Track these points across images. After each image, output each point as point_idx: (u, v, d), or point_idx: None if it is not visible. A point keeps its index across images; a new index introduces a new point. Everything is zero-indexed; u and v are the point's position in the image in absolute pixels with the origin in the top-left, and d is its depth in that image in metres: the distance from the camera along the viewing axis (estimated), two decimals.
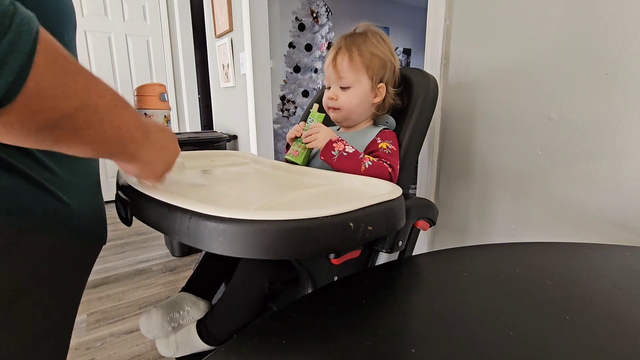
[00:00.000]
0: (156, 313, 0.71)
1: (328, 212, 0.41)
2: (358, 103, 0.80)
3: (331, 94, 0.81)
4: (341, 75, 0.78)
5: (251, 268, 0.70)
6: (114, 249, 1.93)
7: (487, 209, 0.96)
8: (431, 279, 0.47)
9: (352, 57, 0.77)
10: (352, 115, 0.82)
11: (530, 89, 0.82)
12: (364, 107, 0.81)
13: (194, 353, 0.73)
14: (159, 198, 0.45)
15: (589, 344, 0.32)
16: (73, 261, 0.41)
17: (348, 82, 0.78)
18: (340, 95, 0.80)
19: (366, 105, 0.81)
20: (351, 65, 0.77)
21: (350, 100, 0.79)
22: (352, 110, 0.80)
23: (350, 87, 0.79)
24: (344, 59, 0.77)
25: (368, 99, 0.80)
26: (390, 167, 0.73)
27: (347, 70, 0.78)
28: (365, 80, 0.78)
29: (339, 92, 0.80)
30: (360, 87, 0.79)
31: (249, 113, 2.00)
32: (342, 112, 0.81)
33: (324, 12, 3.20)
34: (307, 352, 0.32)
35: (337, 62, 0.78)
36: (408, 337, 0.35)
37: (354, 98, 0.79)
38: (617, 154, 0.69)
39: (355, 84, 0.78)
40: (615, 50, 0.67)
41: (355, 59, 0.77)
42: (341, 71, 0.78)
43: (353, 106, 0.80)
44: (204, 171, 0.75)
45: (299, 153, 0.79)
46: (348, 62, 0.77)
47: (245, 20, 1.84)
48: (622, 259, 0.50)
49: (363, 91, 0.79)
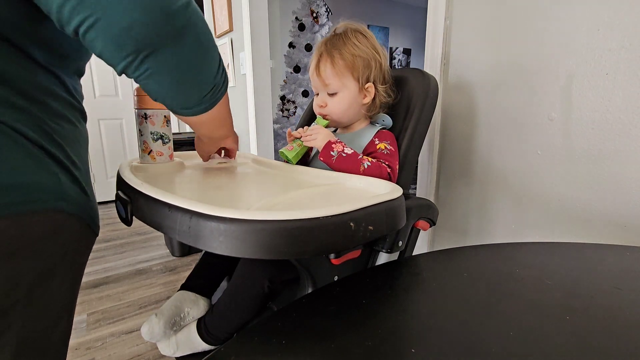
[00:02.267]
0: (157, 323, 0.70)
1: (328, 212, 0.41)
2: (347, 107, 0.79)
3: (319, 101, 0.80)
4: (326, 82, 0.77)
5: (251, 267, 0.70)
6: (114, 249, 1.93)
7: (487, 209, 0.96)
8: (431, 279, 0.47)
9: (334, 62, 0.75)
10: (343, 119, 0.81)
11: (530, 89, 0.82)
12: (354, 110, 0.81)
13: (194, 353, 0.73)
14: (160, 198, 0.45)
15: (589, 344, 0.32)
16: (86, 247, 0.45)
17: (334, 88, 0.77)
18: (328, 101, 0.79)
19: (356, 107, 0.80)
20: (334, 70, 0.76)
21: (338, 105, 0.78)
22: (341, 115, 0.80)
23: (337, 92, 0.78)
24: (327, 65, 0.76)
25: (357, 101, 0.79)
26: (389, 167, 0.73)
27: (331, 77, 0.76)
28: (351, 83, 0.77)
29: (327, 99, 0.79)
30: (347, 92, 0.77)
31: (249, 113, 2.00)
32: (333, 117, 0.80)
33: (324, 12, 3.20)
34: (307, 352, 0.32)
35: (321, 70, 0.77)
36: (408, 337, 0.35)
37: (342, 103, 0.78)
38: (617, 154, 0.69)
39: (341, 89, 0.77)
40: (615, 50, 0.67)
41: (338, 63, 0.75)
42: (325, 78, 0.77)
43: (342, 111, 0.79)
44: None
45: (293, 148, 0.79)
46: (331, 68, 0.76)
47: (245, 20, 1.84)
48: (622, 259, 0.50)
49: (350, 95, 0.78)
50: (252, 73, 1.89)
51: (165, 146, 0.74)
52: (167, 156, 0.75)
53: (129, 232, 2.19)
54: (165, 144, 0.74)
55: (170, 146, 0.75)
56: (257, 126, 1.97)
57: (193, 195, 0.58)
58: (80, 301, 1.41)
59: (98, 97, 2.72)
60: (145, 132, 0.71)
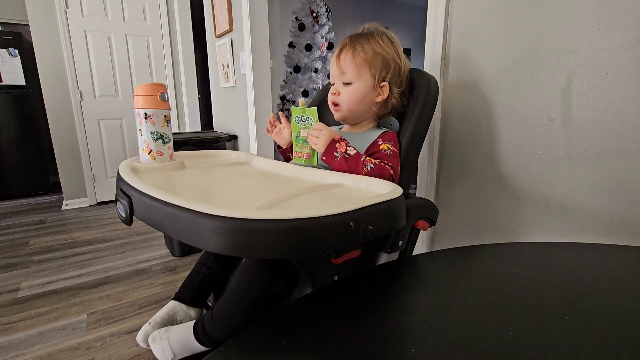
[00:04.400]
0: (152, 331, 0.73)
1: (329, 212, 0.41)
2: (359, 100, 0.80)
3: (333, 89, 0.82)
4: (343, 70, 0.79)
5: (254, 271, 0.69)
6: (114, 249, 1.93)
7: (487, 209, 0.96)
8: (431, 279, 0.47)
9: (355, 53, 0.78)
10: (352, 113, 0.82)
11: (530, 89, 0.82)
12: (365, 105, 0.81)
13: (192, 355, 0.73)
14: (160, 197, 0.45)
15: (589, 344, 0.32)
16: None
17: (349, 77, 0.79)
18: (341, 90, 0.81)
19: (367, 103, 0.81)
20: (354, 61, 0.78)
21: (351, 96, 0.80)
22: (352, 107, 0.81)
23: (351, 82, 0.79)
24: (347, 55, 0.79)
25: (369, 97, 0.80)
26: (392, 168, 0.73)
27: (349, 66, 0.79)
28: (367, 77, 0.79)
29: (341, 88, 0.81)
30: (361, 84, 0.79)
31: (249, 113, 2.00)
32: (343, 108, 0.81)
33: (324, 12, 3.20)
34: (307, 352, 0.32)
35: (341, 58, 0.80)
36: (408, 337, 0.35)
37: (355, 95, 0.79)
38: (617, 154, 0.69)
39: (356, 79, 0.79)
40: (615, 50, 0.67)
41: (358, 55, 0.78)
42: (344, 67, 0.79)
43: (353, 103, 0.80)
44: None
45: (310, 155, 0.78)
46: (351, 58, 0.78)
47: (245, 20, 1.84)
48: (622, 259, 0.50)
49: (364, 88, 0.79)
50: (252, 73, 1.89)
51: (165, 146, 0.74)
52: (167, 156, 0.75)
53: (129, 232, 2.19)
54: (165, 144, 0.74)
55: (170, 146, 0.75)
56: (257, 126, 1.97)
57: (193, 195, 0.58)
58: (80, 301, 1.41)
59: (98, 97, 2.72)
60: (145, 132, 0.71)
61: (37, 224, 2.35)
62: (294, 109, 0.80)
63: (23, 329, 1.23)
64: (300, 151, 0.80)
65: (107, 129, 2.79)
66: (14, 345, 1.14)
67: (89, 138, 2.72)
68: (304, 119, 0.79)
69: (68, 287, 1.52)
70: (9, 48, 2.85)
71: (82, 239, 2.09)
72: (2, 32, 2.86)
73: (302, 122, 0.80)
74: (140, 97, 0.69)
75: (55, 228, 2.28)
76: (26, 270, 1.68)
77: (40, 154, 3.12)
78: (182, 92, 3.01)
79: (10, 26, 3.25)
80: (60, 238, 2.10)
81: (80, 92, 2.64)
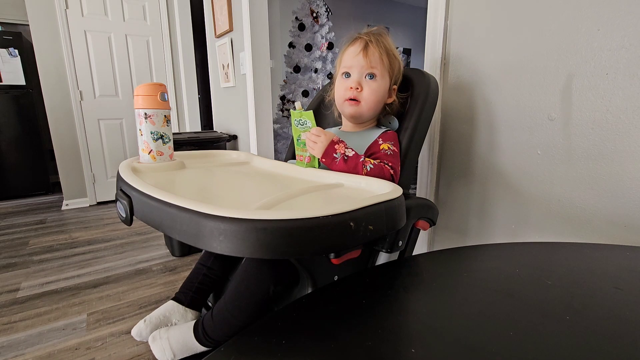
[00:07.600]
0: (145, 329, 0.75)
1: (328, 212, 0.41)
2: (379, 99, 0.80)
3: (354, 83, 0.78)
4: (372, 64, 0.78)
5: (255, 271, 0.69)
6: (114, 249, 1.93)
7: (487, 209, 0.96)
8: (431, 279, 0.47)
9: (382, 53, 0.78)
10: (370, 111, 0.81)
11: (530, 89, 0.82)
12: (379, 106, 0.82)
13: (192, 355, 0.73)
14: (160, 197, 0.45)
15: (589, 344, 0.32)
16: None
17: (377, 72, 0.78)
18: (365, 85, 0.79)
19: (381, 104, 0.82)
20: (381, 59, 0.78)
21: (374, 93, 0.79)
22: (371, 105, 0.80)
23: (377, 78, 0.79)
24: (376, 52, 0.78)
25: (384, 98, 0.81)
26: (392, 168, 0.73)
27: (377, 62, 0.78)
28: (387, 78, 0.80)
29: (364, 82, 0.79)
30: (383, 83, 0.79)
31: (249, 113, 2.00)
32: (363, 105, 0.79)
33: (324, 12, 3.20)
34: (307, 352, 0.32)
35: (369, 52, 0.78)
36: (408, 337, 0.35)
37: (378, 92, 0.79)
38: (617, 154, 0.69)
39: (381, 78, 0.79)
40: (615, 50, 0.67)
41: (385, 55, 0.79)
42: (372, 61, 0.78)
43: (373, 102, 0.79)
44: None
45: (311, 159, 0.77)
46: (379, 56, 0.78)
47: (245, 20, 1.84)
48: (622, 259, 0.50)
49: (384, 87, 0.80)
50: (252, 73, 1.89)
51: (165, 146, 0.74)
52: (167, 156, 0.75)
53: (129, 232, 2.19)
54: (165, 144, 0.74)
55: (170, 146, 0.75)
56: (257, 126, 1.97)
57: (193, 195, 0.58)
58: (80, 301, 1.41)
59: (98, 97, 2.72)
60: (145, 132, 0.71)
61: (37, 224, 2.35)
62: (293, 112, 0.79)
63: (23, 329, 1.23)
64: (301, 155, 0.79)
65: (107, 129, 2.79)
66: (14, 345, 1.14)
67: (89, 138, 2.72)
68: (302, 122, 0.78)
69: (68, 287, 1.52)
70: (9, 48, 2.85)
71: (82, 239, 2.09)
72: (2, 32, 2.86)
73: (301, 126, 0.79)
74: (140, 97, 0.69)
75: (55, 228, 2.28)
76: (26, 270, 1.68)
77: (40, 154, 3.12)
78: (182, 92, 3.01)
79: (10, 26, 3.25)
80: (60, 238, 2.10)
81: (80, 92, 2.64)
